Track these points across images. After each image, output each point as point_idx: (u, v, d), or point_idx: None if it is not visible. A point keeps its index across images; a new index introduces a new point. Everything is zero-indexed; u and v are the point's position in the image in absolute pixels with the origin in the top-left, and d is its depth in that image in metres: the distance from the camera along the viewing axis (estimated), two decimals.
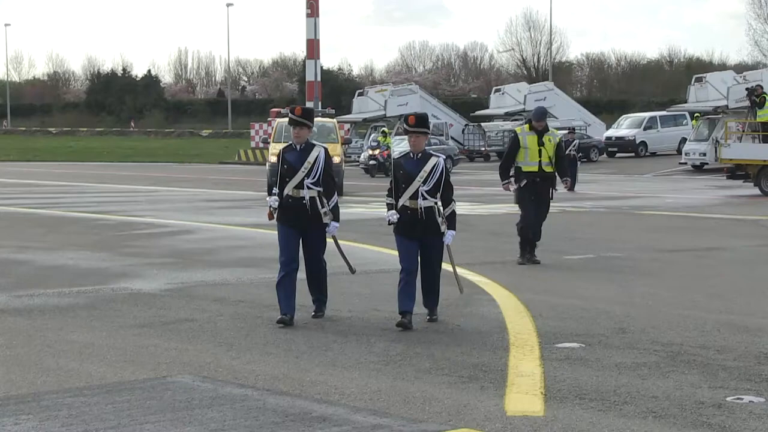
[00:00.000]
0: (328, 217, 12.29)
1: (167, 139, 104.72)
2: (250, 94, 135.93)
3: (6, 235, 22.71)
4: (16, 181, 45.97)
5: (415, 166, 12.14)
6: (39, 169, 58.12)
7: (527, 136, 17.75)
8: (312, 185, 12.21)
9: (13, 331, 11.91)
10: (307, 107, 13.05)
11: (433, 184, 12.08)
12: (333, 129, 38.67)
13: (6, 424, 8.10)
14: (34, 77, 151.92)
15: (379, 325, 12.19)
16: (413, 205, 12.09)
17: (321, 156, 12.28)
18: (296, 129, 12.38)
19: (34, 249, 19.96)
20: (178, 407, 8.66)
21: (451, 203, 12.32)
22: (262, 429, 8.04)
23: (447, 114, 73.17)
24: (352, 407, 8.70)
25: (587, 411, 8.57)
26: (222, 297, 14.29)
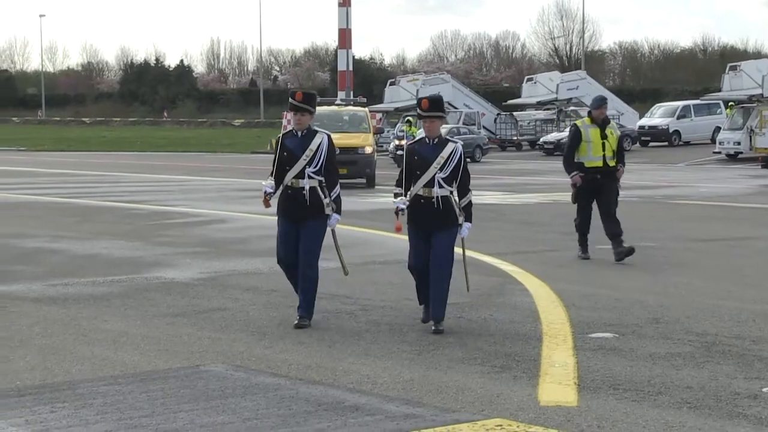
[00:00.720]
0: (329, 208, 11.64)
1: (200, 128, 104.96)
2: (282, 83, 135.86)
3: (41, 224, 22.81)
4: (50, 171, 46.13)
5: (431, 151, 11.34)
6: (73, 159, 58.31)
7: (589, 129, 16.81)
8: (314, 174, 11.54)
9: (48, 319, 11.97)
10: (308, 92, 12.17)
11: (450, 171, 11.29)
12: (365, 118, 36.69)
13: (42, 412, 8.14)
14: (68, 68, 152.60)
15: (411, 315, 12.16)
16: (428, 194, 11.29)
17: (324, 143, 11.61)
18: (297, 115, 11.68)
19: (68, 238, 20.04)
20: (211, 396, 8.69)
21: (468, 193, 11.56)
22: (294, 418, 8.05)
23: (479, 103, 73.10)
24: (384, 397, 8.71)
25: (621, 401, 8.55)
26: (254, 286, 14.32)
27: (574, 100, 71.88)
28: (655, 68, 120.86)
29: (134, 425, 7.85)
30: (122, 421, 7.96)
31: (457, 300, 12.63)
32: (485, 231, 21.27)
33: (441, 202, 11.28)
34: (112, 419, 8.00)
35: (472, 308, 12.56)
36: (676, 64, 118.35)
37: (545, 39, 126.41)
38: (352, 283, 14.08)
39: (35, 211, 26.59)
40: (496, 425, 7.84)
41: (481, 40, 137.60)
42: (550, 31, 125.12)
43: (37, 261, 16.74)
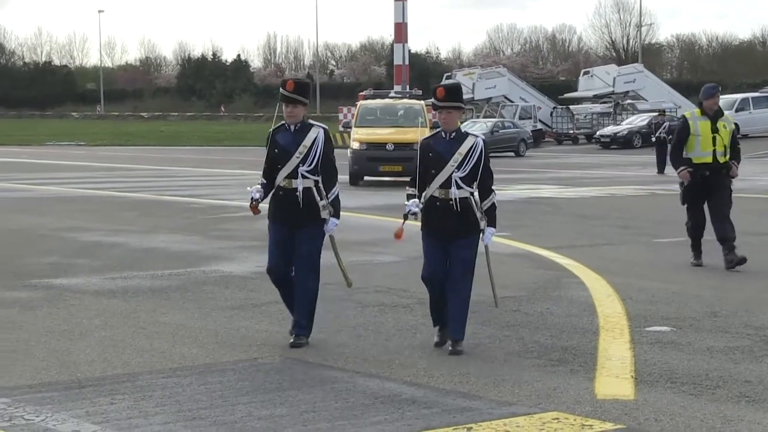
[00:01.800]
0: (326, 212, 10.18)
1: (257, 123, 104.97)
2: (338, 77, 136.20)
3: (99, 218, 23.00)
4: (108, 165, 46.44)
5: (448, 147, 9.85)
6: (131, 154, 58.78)
7: (699, 122, 15.20)
8: (308, 173, 10.11)
9: (107, 312, 12.06)
10: (301, 80, 10.60)
11: (470, 169, 9.81)
12: (420, 112, 34.22)
13: (102, 404, 8.22)
14: (127, 63, 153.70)
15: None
16: (444, 195, 9.84)
17: (320, 138, 10.17)
18: (289, 107, 10.20)
19: (126, 232, 20.20)
20: (269, 389, 8.73)
21: (491, 194, 10.06)
22: (352, 410, 8.08)
23: (535, 97, 72.99)
24: (441, 390, 8.71)
25: (678, 395, 8.50)
26: None
27: (631, 93, 71.66)
28: (713, 61, 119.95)
29: (192, 417, 7.91)
30: (181, 413, 8.02)
31: (514, 293, 12.64)
32: (542, 224, 21.25)
33: (459, 205, 9.86)
34: (171, 411, 8.06)
35: (528, 302, 12.54)
36: (734, 56, 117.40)
37: (602, 32, 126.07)
38: (408, 277, 14.09)
39: (94, 205, 26.80)
40: (552, 418, 7.83)
41: (537, 33, 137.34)
42: (607, 23, 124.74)
43: (96, 254, 16.88)
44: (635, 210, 24.16)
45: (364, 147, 32.00)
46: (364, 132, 32.70)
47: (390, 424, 7.72)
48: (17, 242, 18.63)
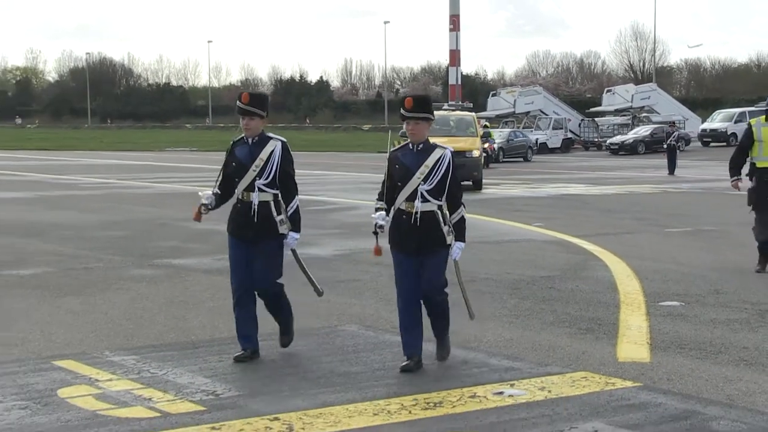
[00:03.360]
0: (284, 227, 8.35)
1: (335, 132, 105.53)
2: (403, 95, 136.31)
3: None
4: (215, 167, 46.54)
5: (414, 159, 8.05)
6: None
7: (762, 128, 13.36)
8: (265, 187, 8.28)
9: (216, 287, 12.13)
10: (257, 92, 8.97)
11: (437, 182, 7.99)
12: (472, 122, 31.73)
13: (211, 361, 8.29)
14: (230, 83, 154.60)
15: (510, 285, 12.12)
16: (410, 209, 8.02)
17: (277, 151, 8.33)
18: (245, 119, 8.35)
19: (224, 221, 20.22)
20: (346, 350, 8.76)
21: (460, 208, 8.17)
22: (396, 364, 8.05)
23: (566, 111, 72.64)
24: (488, 353, 8.70)
25: (687, 358, 8.42)
26: (381, 261, 14.30)
27: (646, 108, 71.31)
28: (716, 81, 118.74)
29: (284, 373, 7.95)
30: (275, 369, 8.08)
31: (548, 274, 12.59)
32: (572, 217, 21.13)
33: (422, 218, 8.00)
34: (267, 367, 8.12)
35: (561, 280, 12.47)
36: (733, 77, 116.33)
37: (622, 57, 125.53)
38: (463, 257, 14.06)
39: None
40: (581, 377, 7.80)
41: (567, 58, 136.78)
42: (627, 50, 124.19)
43: (206, 240, 16.98)
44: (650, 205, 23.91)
45: None
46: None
47: (447, 380, 7.72)
48: (144, 230, 18.80)
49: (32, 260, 14.50)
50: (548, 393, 7.34)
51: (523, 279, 12.53)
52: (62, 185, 31.65)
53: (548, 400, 7.16)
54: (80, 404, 6.96)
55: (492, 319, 10.11)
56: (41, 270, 13.54)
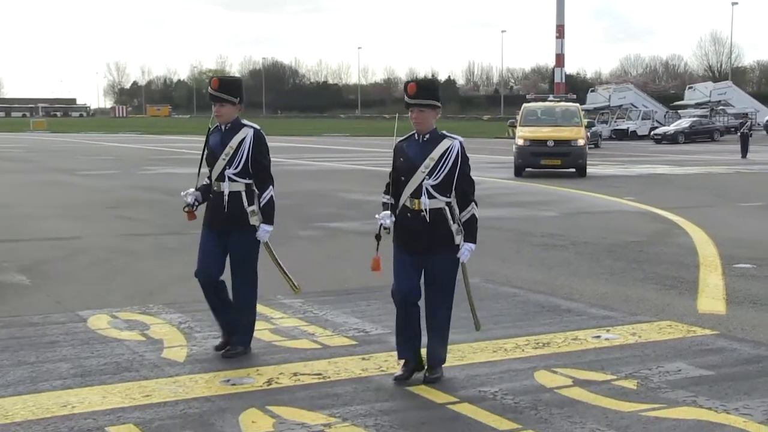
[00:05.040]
0: (255, 218, 6.51)
1: (460, 122, 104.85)
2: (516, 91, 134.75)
3: (358, 184, 23.24)
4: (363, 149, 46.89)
5: (419, 151, 5.94)
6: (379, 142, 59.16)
7: None
8: (235, 176, 6.48)
9: (365, 245, 12.07)
10: (228, 77, 6.84)
11: (443, 176, 5.87)
12: (576, 113, 28.19)
13: (361, 305, 8.34)
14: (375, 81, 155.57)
15: (605, 248, 11.88)
16: (415, 206, 5.90)
17: (248, 139, 6.51)
18: (216, 106, 6.54)
19: (376, 193, 20.31)
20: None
21: (471, 205, 5.97)
22: (527, 315, 8.00)
23: (653, 104, 70.68)
24: (588, 303, 8.54)
25: (758, 312, 8.13)
26: (499, 227, 14.24)
27: (722, 102, 69.04)
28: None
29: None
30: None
31: (639, 239, 12.30)
32: (659, 193, 20.58)
33: (430, 217, 5.89)
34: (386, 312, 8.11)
35: (649, 245, 12.16)
36: None
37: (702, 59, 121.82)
38: (566, 226, 13.88)
39: (354, 175, 27.12)
40: (667, 325, 7.60)
41: (655, 60, 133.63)
42: (706, 53, 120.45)
43: (357, 208, 17.12)
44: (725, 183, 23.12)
45: (527, 143, 25.97)
46: (527, 130, 26.60)
47: (554, 325, 7.62)
48: (308, 199, 19.01)
49: None
50: (638, 338, 7.18)
51: (616, 243, 12.26)
52: None
53: (638, 343, 7.00)
54: (259, 336, 7.09)
55: (590, 276, 9.94)
56: None
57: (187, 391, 5.75)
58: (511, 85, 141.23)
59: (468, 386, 5.88)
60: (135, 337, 7.15)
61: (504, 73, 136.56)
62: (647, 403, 5.50)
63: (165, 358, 6.54)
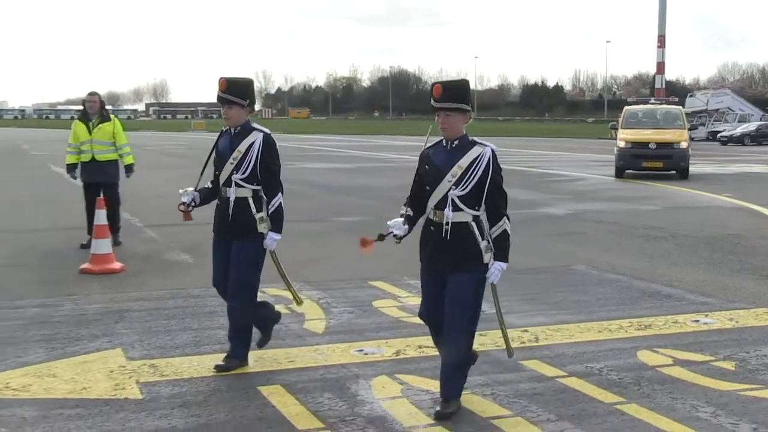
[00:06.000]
0: (263, 225, 5.55)
1: (566, 124, 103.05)
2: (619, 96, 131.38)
3: None
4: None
5: (446, 159, 4.77)
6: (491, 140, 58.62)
7: None
8: (243, 182, 5.54)
9: None
10: (236, 78, 5.65)
11: (472, 187, 4.70)
12: (679, 115, 25.77)
13: None
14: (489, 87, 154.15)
15: (703, 240, 11.47)
16: (439, 219, 4.77)
17: (257, 144, 5.53)
18: (224, 108, 5.60)
19: None
20: (576, 284, 8.56)
21: (503, 219, 4.80)
22: (630, 300, 7.80)
23: (750, 108, 67.64)
24: (687, 290, 8.27)
25: None
26: (603, 219, 13.95)
27: None
28: None
29: (529, 298, 7.85)
30: (523, 294, 7.95)
31: (736, 232, 11.83)
32: (754, 190, 19.75)
33: (454, 232, 4.72)
34: (517, 292, 8.01)
35: (745, 238, 11.67)
36: None
37: None
38: (666, 219, 13.47)
39: None
40: (763, 312, 7.29)
41: (752, 67, 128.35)
42: None
43: None
44: None
45: (629, 146, 23.54)
46: (629, 132, 24.39)
47: (655, 309, 7.42)
48: None
49: (352, 212, 14.99)
50: (735, 323, 6.91)
51: (714, 236, 11.81)
52: (373, 159, 32.55)
53: (735, 328, 6.74)
54: (387, 312, 7.15)
55: (690, 266, 9.62)
56: (359, 218, 13.98)
57: (325, 358, 5.86)
58: (614, 90, 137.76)
59: (576, 362, 5.79)
60: (280, 310, 7.32)
61: (608, 80, 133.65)
62: (746, 384, 5.29)
63: (306, 329, 6.67)
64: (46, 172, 24.25)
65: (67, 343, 6.23)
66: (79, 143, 10.81)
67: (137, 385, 5.24)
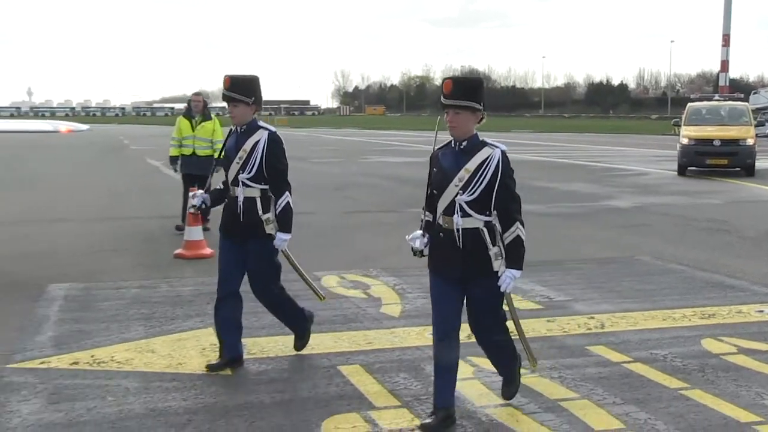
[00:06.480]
0: (271, 226, 5.17)
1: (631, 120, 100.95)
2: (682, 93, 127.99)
3: (547, 174, 22.74)
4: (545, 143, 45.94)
5: (454, 161, 4.18)
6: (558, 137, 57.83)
7: None
8: (249, 181, 5.15)
9: (547, 225, 11.96)
10: (241, 75, 5.22)
11: (480, 191, 4.11)
12: (745, 112, 23.99)
13: (545, 275, 8.15)
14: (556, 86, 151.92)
15: (765, 234, 11.11)
16: (447, 225, 4.21)
17: (262, 142, 5.14)
18: (230, 107, 5.17)
19: (557, 181, 19.89)
20: (640, 274, 8.38)
21: (515, 225, 4.18)
22: (693, 290, 7.62)
23: None
24: (750, 281, 8.03)
25: None
26: (666, 212, 13.62)
27: None
28: None
29: (596, 287, 7.72)
30: (589, 283, 7.85)
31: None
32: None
33: (465, 239, 4.17)
34: (583, 282, 7.89)
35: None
36: None
37: None
38: (728, 213, 13.08)
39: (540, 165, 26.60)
40: None
41: None
42: None
43: (542, 194, 16.79)
44: None
45: (692, 143, 21.93)
46: (692, 129, 22.72)
47: (718, 299, 7.22)
48: None
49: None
50: None
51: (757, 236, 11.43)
52: None
53: None
54: None
55: (753, 258, 9.33)
56: None
57: (401, 340, 5.87)
58: (677, 88, 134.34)
59: (640, 348, 5.67)
60: (358, 294, 7.36)
61: (671, 78, 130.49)
62: None
63: (383, 313, 6.69)
64: (143, 165, 24.89)
65: (164, 321, 6.39)
66: (181, 137, 11.14)
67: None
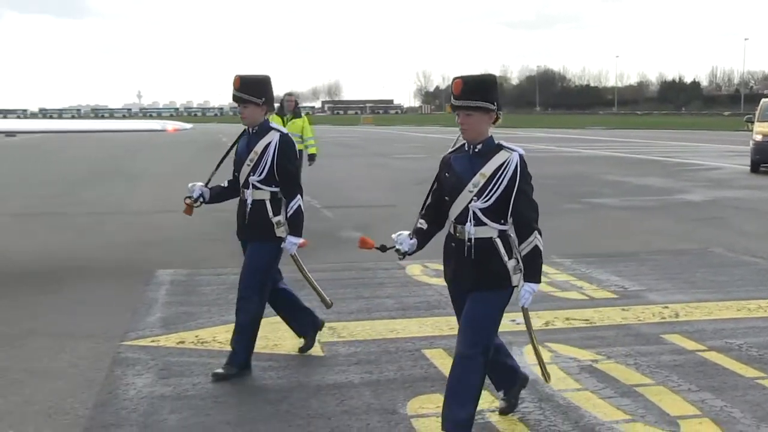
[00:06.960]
0: (281, 229, 4.82)
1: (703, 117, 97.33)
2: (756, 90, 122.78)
3: (618, 168, 22.19)
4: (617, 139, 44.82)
5: (468, 166, 3.61)
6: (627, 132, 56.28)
7: None
8: (260, 184, 4.79)
9: (617, 218, 11.69)
10: (251, 75, 4.84)
11: (496, 198, 3.53)
12: None
13: (620, 266, 7.96)
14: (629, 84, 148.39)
15: None
16: (460, 234, 3.62)
17: (273, 144, 4.75)
18: (240, 107, 4.83)
19: (630, 175, 19.37)
20: (714, 265, 8.10)
21: (533, 234, 3.57)
22: (734, 280, 7.34)
23: None
24: None
25: None
26: (739, 206, 13.08)
27: None
28: None
29: (670, 277, 7.50)
30: (663, 274, 7.61)
31: None
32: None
33: (477, 250, 3.58)
34: (657, 273, 7.67)
35: None
36: None
37: None
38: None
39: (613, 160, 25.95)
40: None
41: None
42: None
43: (615, 187, 16.33)
44: None
45: (766, 139, 20.09)
46: (766, 126, 20.71)
47: (763, 292, 6.91)
48: (574, 180, 18.37)
49: None
50: None
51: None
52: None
53: None
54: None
55: None
56: None
57: None
58: (751, 85, 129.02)
59: (715, 337, 5.49)
60: (441, 282, 7.34)
61: (744, 75, 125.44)
62: None
63: None
64: None
65: None
66: None
67: (319, 345, 5.41)
